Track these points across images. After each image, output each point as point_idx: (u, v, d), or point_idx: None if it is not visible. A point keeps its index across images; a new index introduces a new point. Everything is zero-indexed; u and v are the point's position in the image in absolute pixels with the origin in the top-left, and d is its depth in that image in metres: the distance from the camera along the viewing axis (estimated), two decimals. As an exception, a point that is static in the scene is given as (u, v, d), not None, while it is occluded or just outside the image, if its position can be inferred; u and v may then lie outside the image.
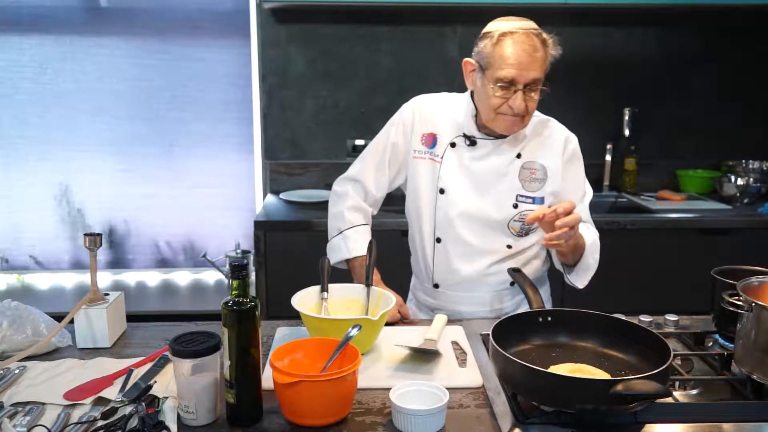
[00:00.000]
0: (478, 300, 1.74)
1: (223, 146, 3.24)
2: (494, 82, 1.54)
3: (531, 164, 1.67)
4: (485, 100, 1.59)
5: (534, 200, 1.67)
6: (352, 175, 1.81)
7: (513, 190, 1.67)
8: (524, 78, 1.52)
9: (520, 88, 1.53)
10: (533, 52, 1.52)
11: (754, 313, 1.18)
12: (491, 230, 1.68)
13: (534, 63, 1.52)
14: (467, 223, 1.69)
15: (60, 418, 1.15)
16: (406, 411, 1.09)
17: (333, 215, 1.81)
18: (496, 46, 1.53)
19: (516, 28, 1.53)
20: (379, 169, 1.78)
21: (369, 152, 1.79)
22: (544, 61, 1.55)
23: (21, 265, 3.27)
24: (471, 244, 1.69)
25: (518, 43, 1.52)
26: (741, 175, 3.08)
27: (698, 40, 3.23)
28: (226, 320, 1.11)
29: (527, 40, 1.52)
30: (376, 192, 1.80)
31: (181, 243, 3.30)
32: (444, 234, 1.72)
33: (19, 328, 1.41)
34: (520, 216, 1.66)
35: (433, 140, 1.72)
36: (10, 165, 3.18)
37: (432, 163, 1.72)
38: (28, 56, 3.10)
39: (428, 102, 1.76)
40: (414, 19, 3.12)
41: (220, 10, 3.13)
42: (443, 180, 1.70)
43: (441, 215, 1.71)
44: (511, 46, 1.52)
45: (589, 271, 1.67)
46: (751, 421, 1.14)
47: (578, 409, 1.08)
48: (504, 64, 1.52)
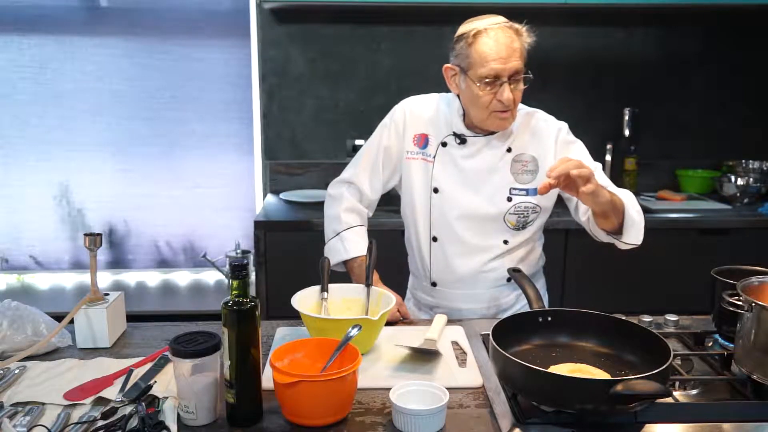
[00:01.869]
0: (477, 297, 1.74)
1: (223, 146, 3.24)
2: (479, 80, 1.56)
3: (521, 156, 1.68)
4: (475, 101, 1.60)
5: (527, 192, 1.68)
6: (347, 178, 1.82)
7: (506, 184, 1.68)
8: (507, 70, 1.55)
9: (505, 80, 1.55)
10: (510, 43, 1.55)
11: (754, 313, 1.18)
12: (487, 226, 1.69)
13: (513, 53, 1.55)
14: (463, 220, 1.70)
15: (60, 418, 1.15)
16: (406, 411, 1.09)
17: (329, 217, 1.81)
18: (472, 45, 1.56)
19: (488, 25, 1.56)
20: (372, 171, 1.79)
21: (362, 155, 1.81)
22: (522, 51, 1.58)
23: (21, 265, 3.27)
24: (467, 241, 1.70)
25: (494, 38, 1.55)
26: (741, 175, 3.08)
27: (698, 40, 3.23)
28: (226, 320, 1.11)
29: (502, 33, 1.55)
30: (371, 194, 1.81)
31: (181, 243, 3.30)
32: (440, 233, 1.73)
33: (19, 328, 1.40)
34: (515, 209, 1.67)
35: (425, 140, 1.74)
36: (10, 165, 3.19)
37: (425, 163, 1.73)
38: (28, 56, 3.10)
39: (418, 103, 1.78)
40: (414, 19, 3.12)
41: (220, 10, 3.13)
42: (436, 179, 1.71)
43: (436, 214, 1.72)
44: (489, 42, 1.54)
45: (637, 224, 1.57)
46: (751, 421, 1.14)
47: (578, 409, 1.08)
48: (485, 60, 1.54)
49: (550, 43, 3.09)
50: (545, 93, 3.10)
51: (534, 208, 1.69)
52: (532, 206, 1.69)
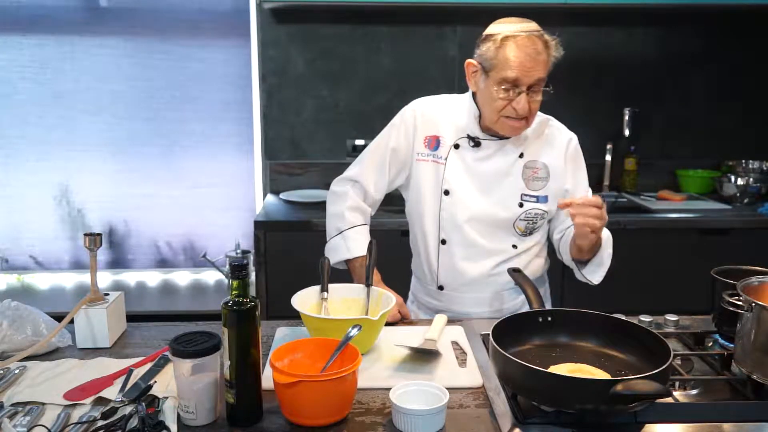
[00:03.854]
0: (482, 300, 1.74)
1: (223, 146, 3.24)
2: (498, 83, 1.55)
3: (533, 163, 1.68)
4: (489, 103, 1.59)
5: (538, 199, 1.68)
6: (352, 176, 1.79)
7: (517, 190, 1.68)
8: (528, 79, 1.53)
9: (524, 89, 1.54)
10: (536, 54, 1.53)
11: (754, 313, 1.18)
12: (497, 230, 1.69)
13: (537, 65, 1.53)
14: (474, 224, 1.69)
15: (60, 418, 1.15)
16: (406, 411, 1.09)
17: (332, 214, 1.79)
18: (499, 49, 1.54)
19: (519, 31, 1.54)
20: (378, 171, 1.77)
21: (368, 154, 1.79)
22: (546, 63, 1.56)
23: (21, 265, 3.27)
24: (477, 245, 1.70)
25: (521, 46, 1.52)
26: (741, 175, 3.08)
27: (698, 40, 3.23)
28: (226, 320, 1.11)
29: (530, 43, 1.53)
30: (375, 193, 1.79)
31: (181, 243, 3.30)
32: (449, 236, 1.72)
33: (19, 328, 1.40)
34: (525, 215, 1.67)
35: (437, 142, 1.72)
36: (10, 165, 3.19)
37: (435, 165, 1.72)
38: (28, 56, 3.10)
39: (429, 104, 1.76)
40: (414, 19, 3.12)
41: (220, 10, 3.13)
42: (448, 181, 1.70)
43: (446, 217, 1.71)
44: (515, 50, 1.52)
45: (604, 266, 1.64)
46: (751, 421, 1.14)
47: (578, 409, 1.08)
48: (508, 66, 1.53)
49: (550, 43, 3.08)
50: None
51: (543, 215, 1.69)
52: (542, 213, 1.69)
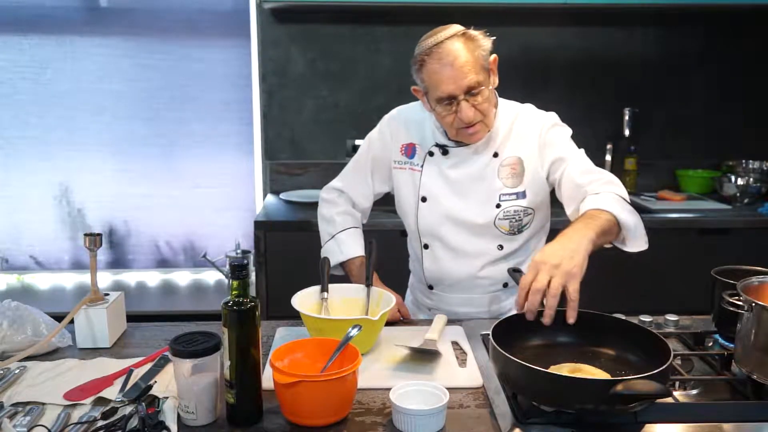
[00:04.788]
0: (473, 301, 1.74)
1: (223, 146, 3.24)
2: (437, 102, 1.55)
3: (509, 160, 1.65)
4: (441, 120, 1.60)
5: (517, 196, 1.65)
6: (339, 187, 1.83)
7: (494, 191, 1.65)
8: (460, 88, 1.50)
9: (462, 98, 1.51)
10: (457, 60, 1.48)
11: (754, 313, 1.18)
12: (477, 233, 1.67)
13: (463, 69, 1.49)
14: (451, 228, 1.69)
15: (60, 418, 1.15)
16: (406, 411, 1.09)
17: (323, 219, 1.82)
18: (422, 71, 1.54)
19: (433, 44, 1.51)
20: (363, 181, 1.80)
21: (351, 166, 1.83)
22: (475, 62, 1.50)
23: (21, 265, 3.27)
24: (458, 248, 1.70)
25: (438, 59, 1.49)
26: (741, 175, 3.08)
27: (698, 40, 3.23)
28: (226, 320, 1.11)
29: (447, 53, 1.49)
30: (363, 202, 1.82)
31: (181, 243, 3.30)
32: (430, 240, 1.73)
33: (19, 328, 1.40)
34: (504, 214, 1.64)
35: (413, 150, 1.73)
36: (10, 165, 3.19)
37: (412, 172, 1.73)
38: (28, 56, 3.10)
39: (405, 112, 1.77)
40: (414, 19, 3.11)
41: (220, 10, 3.13)
42: (424, 188, 1.70)
43: (424, 223, 1.72)
44: (435, 66, 1.50)
45: (638, 233, 1.48)
46: (751, 421, 1.14)
47: (578, 409, 1.08)
48: (434, 85, 1.52)
49: (550, 43, 3.08)
50: (545, 93, 3.11)
51: (525, 210, 1.66)
52: (523, 209, 1.65)
